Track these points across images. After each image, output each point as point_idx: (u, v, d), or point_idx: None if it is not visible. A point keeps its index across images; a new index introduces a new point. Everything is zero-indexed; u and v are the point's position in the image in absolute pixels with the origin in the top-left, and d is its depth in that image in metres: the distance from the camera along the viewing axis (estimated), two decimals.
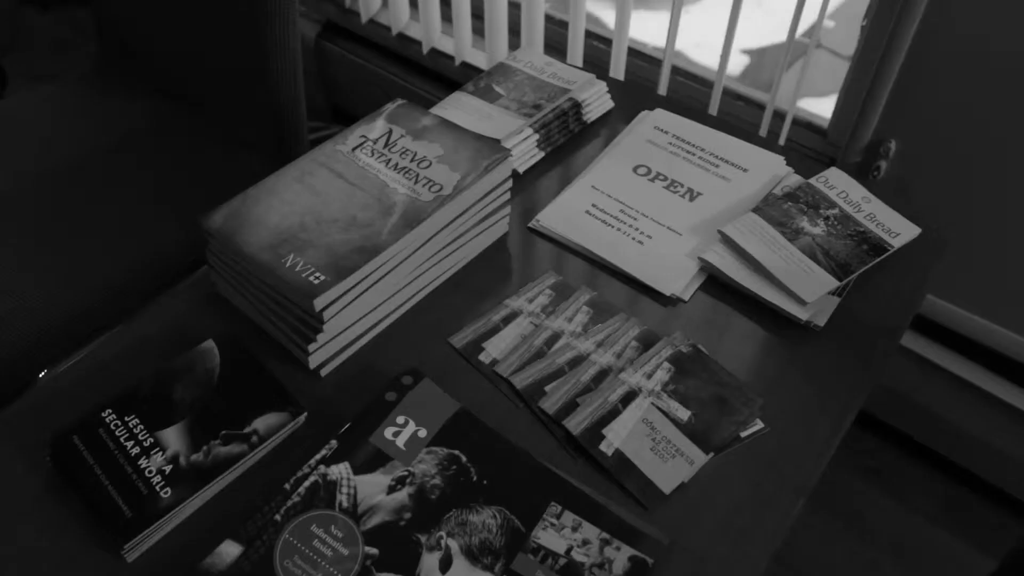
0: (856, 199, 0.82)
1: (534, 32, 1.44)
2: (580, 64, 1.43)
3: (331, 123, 1.95)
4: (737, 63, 1.82)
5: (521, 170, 0.87)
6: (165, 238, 1.01)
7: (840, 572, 1.28)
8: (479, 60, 1.60)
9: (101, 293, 0.96)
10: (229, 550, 0.55)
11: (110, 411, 0.62)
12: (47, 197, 1.04)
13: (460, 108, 0.90)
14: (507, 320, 0.72)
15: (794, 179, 0.85)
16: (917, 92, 1.11)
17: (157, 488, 0.58)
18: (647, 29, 1.38)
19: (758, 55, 2.23)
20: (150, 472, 0.59)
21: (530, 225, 0.82)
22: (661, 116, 0.93)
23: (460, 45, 1.58)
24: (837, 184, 0.83)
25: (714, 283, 0.77)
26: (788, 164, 0.88)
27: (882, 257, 0.77)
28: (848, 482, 1.38)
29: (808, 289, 0.73)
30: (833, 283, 0.74)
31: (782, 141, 1.28)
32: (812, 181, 0.84)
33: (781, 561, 1.28)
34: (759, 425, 0.66)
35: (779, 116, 1.30)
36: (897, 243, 0.78)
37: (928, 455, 1.40)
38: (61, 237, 1.00)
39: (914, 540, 1.31)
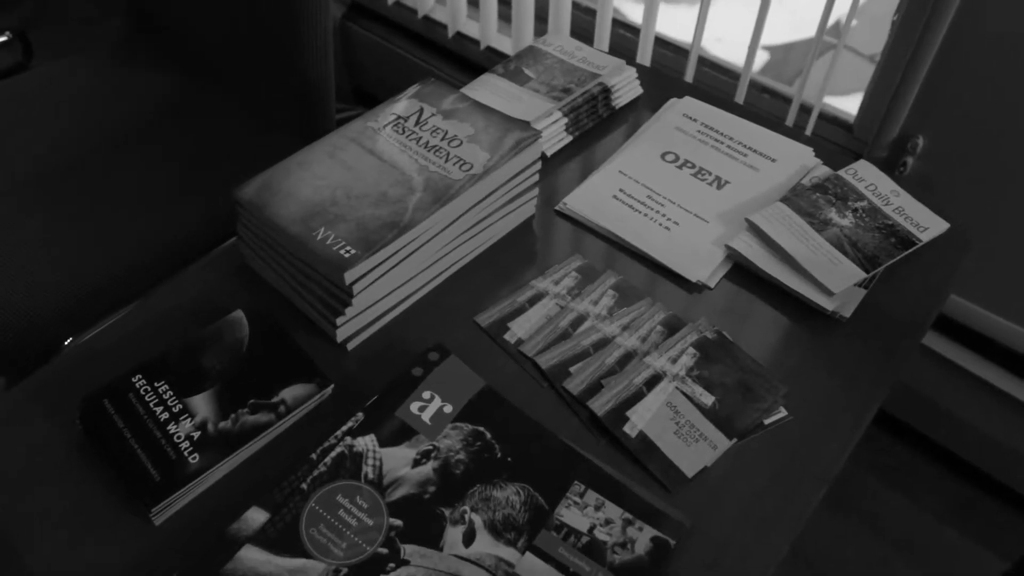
0: (885, 192, 0.82)
1: (561, 18, 1.43)
2: (606, 52, 1.43)
3: (354, 105, 1.95)
4: (757, 59, 1.82)
5: (548, 153, 0.87)
6: (189, 214, 1.02)
7: (851, 567, 1.28)
8: (504, 45, 1.60)
9: (124, 267, 0.97)
10: (256, 516, 0.56)
11: (140, 376, 0.63)
12: (71, 171, 1.05)
13: (489, 90, 0.90)
14: (533, 301, 0.73)
15: (822, 170, 0.85)
16: (947, 88, 1.10)
17: (185, 453, 0.59)
18: (669, 22, 1.38)
19: (779, 52, 2.22)
20: (179, 438, 0.60)
21: (557, 208, 0.82)
22: (690, 104, 0.93)
23: (486, 30, 1.58)
24: (866, 177, 0.83)
25: (739, 271, 0.77)
26: (816, 156, 0.87)
27: (910, 251, 0.77)
28: (861, 478, 1.38)
29: (835, 280, 0.73)
30: (860, 275, 0.74)
31: (808, 133, 1.27)
32: (841, 173, 0.83)
33: (792, 551, 1.28)
34: (783, 413, 0.66)
35: (804, 110, 1.30)
36: (925, 237, 0.78)
37: (942, 454, 1.40)
38: (85, 210, 1.00)
39: (925, 538, 1.31)
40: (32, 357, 0.93)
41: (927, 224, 0.79)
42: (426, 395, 0.63)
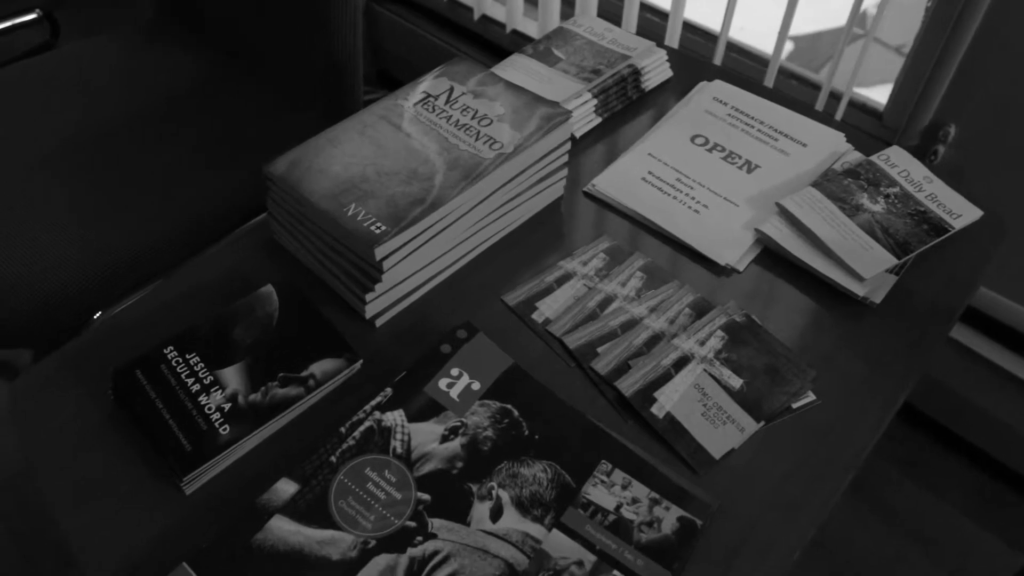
0: (918, 178, 0.81)
1: (588, 2, 1.42)
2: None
3: (377, 88, 1.95)
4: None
5: (577, 135, 0.87)
6: (217, 191, 1.02)
7: (868, 557, 1.27)
8: (530, 29, 1.59)
9: (152, 243, 0.97)
10: (285, 487, 0.56)
11: (172, 348, 0.63)
12: (100, 148, 1.06)
13: (519, 70, 0.90)
14: (561, 281, 0.73)
15: (854, 156, 0.84)
16: (980, 76, 1.09)
17: (216, 425, 0.59)
18: (692, 9, 1.38)
19: (803, 41, 2.19)
20: (210, 409, 0.60)
21: (585, 189, 0.82)
22: (720, 87, 0.92)
23: (512, 12, 1.57)
24: (899, 163, 0.82)
25: (768, 255, 0.77)
26: (847, 141, 0.86)
27: (942, 238, 0.76)
28: (881, 469, 1.37)
29: (866, 265, 0.73)
30: (891, 260, 0.73)
31: (838, 120, 1.26)
32: (873, 158, 0.82)
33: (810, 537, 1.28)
34: (811, 397, 0.66)
35: (833, 97, 1.28)
36: (958, 224, 0.77)
37: (963, 446, 1.39)
38: (113, 187, 1.01)
39: (943, 532, 1.30)
40: (61, 331, 0.94)
41: (960, 211, 0.79)
42: (454, 372, 0.63)
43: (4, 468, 0.58)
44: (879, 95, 1.28)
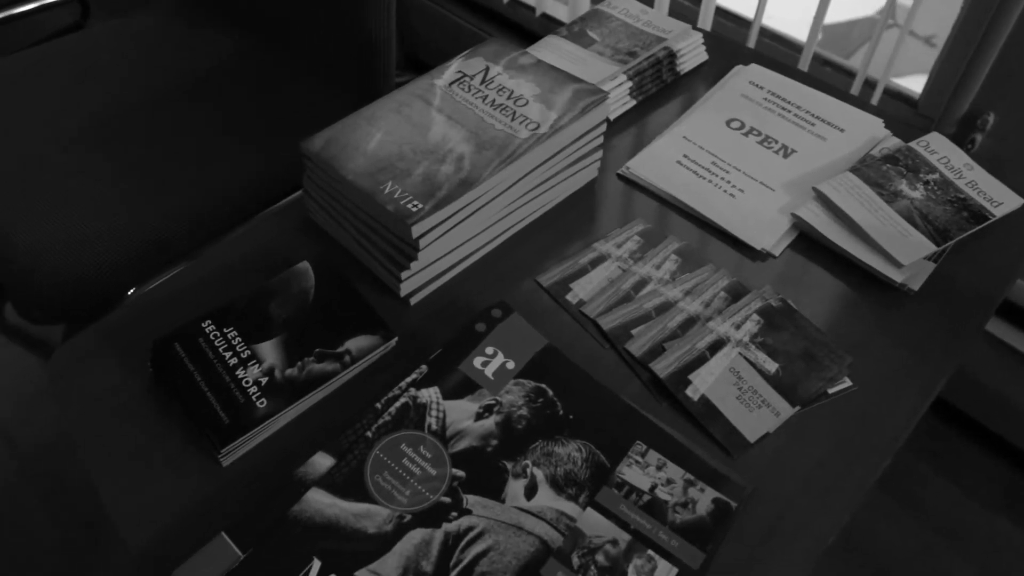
0: (958, 165, 0.80)
1: None
2: None
3: (405, 71, 1.95)
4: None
5: (612, 117, 0.86)
6: (250, 169, 1.03)
7: (894, 550, 1.26)
8: (560, 12, 1.58)
9: (185, 220, 0.98)
10: (321, 461, 0.57)
11: (210, 322, 0.64)
12: (133, 125, 1.07)
13: (553, 51, 0.89)
14: (595, 263, 0.72)
15: (893, 142, 0.83)
16: (1020, 65, 1.07)
17: (253, 398, 0.60)
18: None
19: (831, 30, 2.17)
20: (247, 382, 0.61)
21: (619, 172, 0.81)
22: (756, 71, 0.91)
23: None
24: (939, 149, 0.81)
25: (804, 241, 0.76)
26: (886, 127, 0.85)
27: (982, 225, 0.75)
28: (910, 463, 1.36)
29: (904, 252, 0.72)
30: (930, 247, 0.73)
31: (875, 102, 1.24)
32: (912, 145, 0.81)
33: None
34: (847, 383, 0.65)
35: (868, 85, 1.27)
36: (999, 212, 0.76)
37: (994, 441, 1.38)
38: (146, 163, 1.02)
39: (973, 527, 1.29)
40: (94, 308, 0.95)
41: (1001, 199, 0.77)
42: (489, 351, 0.63)
43: (42, 441, 0.58)
44: (910, 84, 1.26)
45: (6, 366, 1.47)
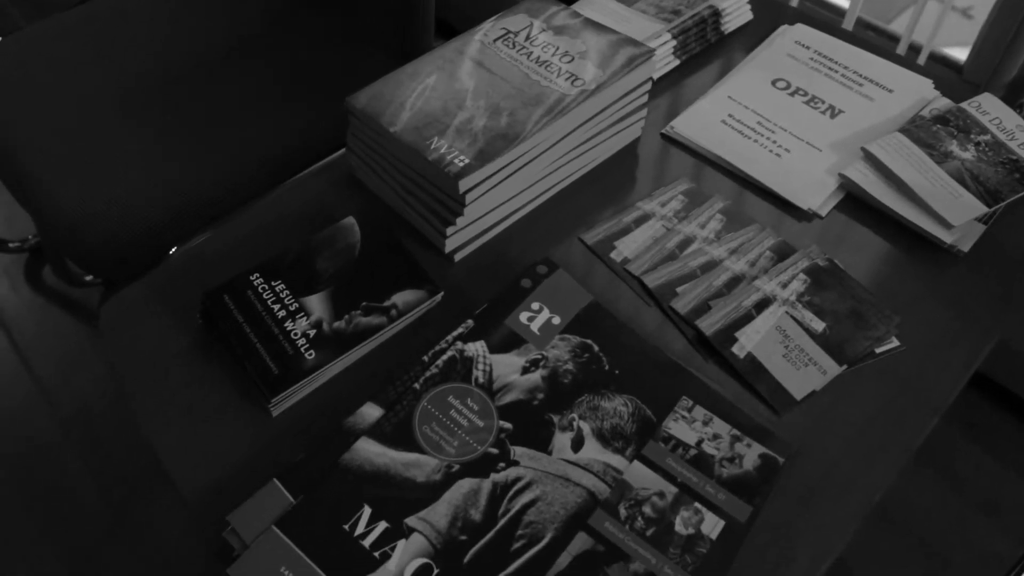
0: (1010, 127, 0.78)
1: None
2: None
3: (437, 37, 1.94)
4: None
5: (655, 77, 0.85)
6: (292, 127, 1.03)
7: (930, 523, 1.26)
8: None
9: (229, 177, 0.99)
10: (370, 412, 0.57)
11: (258, 275, 0.64)
12: (175, 84, 1.07)
13: (597, 9, 0.88)
14: (639, 222, 0.72)
15: (943, 103, 0.81)
16: None
17: (302, 349, 0.61)
18: None
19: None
20: (295, 334, 0.61)
21: (663, 131, 0.80)
22: (802, 31, 0.90)
23: None
24: (990, 110, 0.79)
25: (850, 201, 0.75)
26: (936, 88, 0.84)
27: None
28: (947, 434, 1.35)
29: (955, 213, 0.71)
30: (981, 209, 0.71)
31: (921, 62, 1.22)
32: (964, 105, 0.80)
33: None
34: (895, 343, 0.65)
35: (912, 50, 1.24)
36: None
37: None
38: (189, 122, 1.02)
39: (1010, 499, 1.28)
40: (138, 265, 0.96)
41: None
42: (535, 306, 0.63)
43: (82, 403, 0.60)
44: (951, 54, 1.23)
45: (46, 328, 1.50)
